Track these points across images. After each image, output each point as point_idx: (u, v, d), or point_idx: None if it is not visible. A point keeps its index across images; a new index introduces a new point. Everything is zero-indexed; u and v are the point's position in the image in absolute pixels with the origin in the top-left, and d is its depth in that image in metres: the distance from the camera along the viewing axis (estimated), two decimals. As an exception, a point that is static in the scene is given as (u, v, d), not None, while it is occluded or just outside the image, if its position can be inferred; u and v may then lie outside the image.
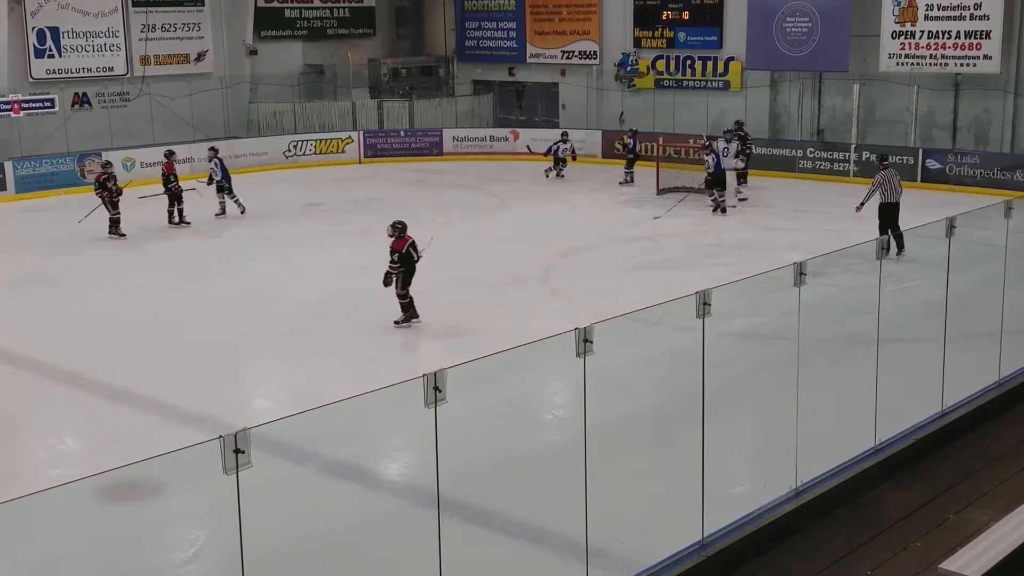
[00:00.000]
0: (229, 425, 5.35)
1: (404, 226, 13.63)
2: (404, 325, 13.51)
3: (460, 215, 21.05)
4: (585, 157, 27.49)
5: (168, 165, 20.04)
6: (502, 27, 30.67)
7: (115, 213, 19.07)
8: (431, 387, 5.56)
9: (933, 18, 23.04)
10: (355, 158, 27.86)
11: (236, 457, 4.91)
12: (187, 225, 19.98)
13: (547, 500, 7.29)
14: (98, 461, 6.99)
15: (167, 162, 20.16)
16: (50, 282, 16.11)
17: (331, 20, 30.97)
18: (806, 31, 24.83)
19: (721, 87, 26.86)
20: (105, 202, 19.08)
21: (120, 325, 13.90)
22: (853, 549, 6.99)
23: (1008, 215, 9.69)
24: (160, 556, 7.24)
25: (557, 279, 15.93)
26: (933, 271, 9.44)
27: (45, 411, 11.33)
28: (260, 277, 16.32)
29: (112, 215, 19.07)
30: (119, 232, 19.08)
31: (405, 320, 13.52)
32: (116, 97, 27.00)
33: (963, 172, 22.42)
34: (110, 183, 19.07)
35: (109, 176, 19.21)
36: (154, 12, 27.42)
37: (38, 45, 25.64)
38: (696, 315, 6.86)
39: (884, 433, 8.29)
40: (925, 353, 9.34)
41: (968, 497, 7.64)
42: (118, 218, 19.09)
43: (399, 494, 8.02)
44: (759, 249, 17.28)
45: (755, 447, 8.62)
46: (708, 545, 6.85)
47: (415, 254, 13.50)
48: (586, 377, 6.26)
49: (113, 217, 19.08)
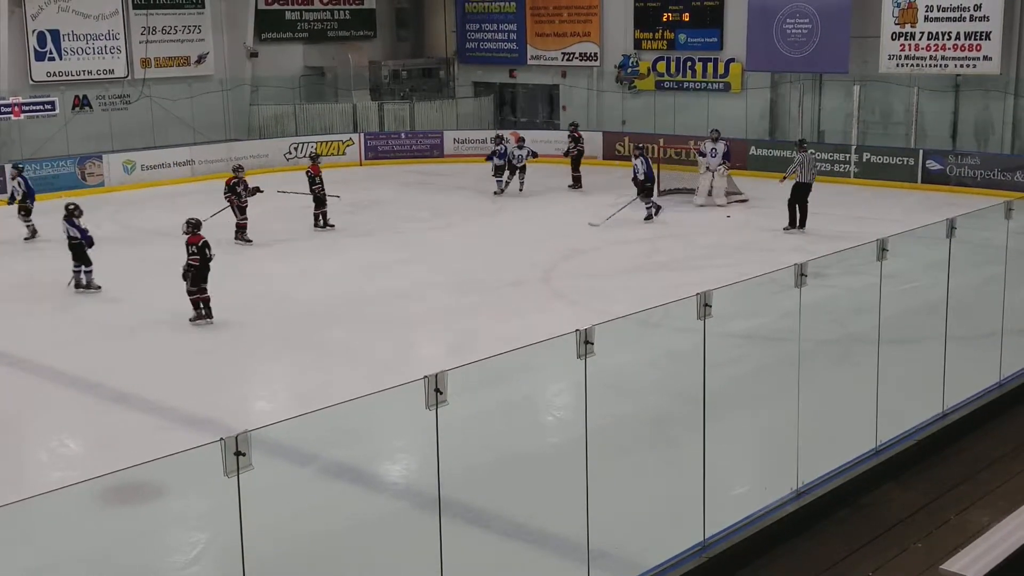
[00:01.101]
0: (230, 427, 5.35)
1: (198, 223, 14.15)
2: (199, 323, 13.76)
3: (461, 217, 21.05)
4: (586, 159, 27.47)
5: (314, 167, 19.74)
6: (503, 29, 30.69)
7: (242, 219, 18.41)
8: (432, 389, 5.56)
9: (933, 19, 23.05)
10: (356, 160, 27.87)
11: (237, 459, 4.91)
12: (331, 228, 19.61)
13: (548, 502, 7.29)
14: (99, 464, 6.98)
15: (313, 164, 19.86)
16: (51, 285, 16.11)
17: (332, 22, 30.98)
18: (806, 32, 24.83)
19: (722, 89, 26.87)
20: (233, 206, 18.42)
21: (121, 327, 13.90)
22: (854, 550, 7.00)
23: (1008, 216, 9.69)
24: (161, 559, 7.24)
25: (558, 281, 15.93)
26: (934, 272, 9.43)
27: (47, 414, 11.34)
28: (261, 279, 16.32)
29: (239, 220, 18.40)
30: (245, 238, 18.37)
31: (198, 318, 13.80)
32: (116, 100, 27.01)
33: (963, 173, 22.42)
34: (239, 187, 18.38)
35: (239, 180, 18.46)
36: (154, 14, 27.43)
37: (38, 48, 25.65)
38: (697, 316, 6.86)
39: (885, 434, 8.29)
40: (926, 354, 9.34)
41: (969, 498, 7.65)
42: (245, 224, 18.43)
43: (400, 496, 8.02)
44: (760, 250, 17.28)
45: (756, 448, 8.61)
46: (709, 546, 6.86)
47: (208, 253, 13.90)
48: (587, 379, 6.27)
49: (240, 223, 18.41)
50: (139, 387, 11.56)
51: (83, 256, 15.58)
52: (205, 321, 13.79)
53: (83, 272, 15.61)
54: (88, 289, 15.61)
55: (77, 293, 15.52)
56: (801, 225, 17.57)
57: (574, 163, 24.07)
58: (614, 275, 16.12)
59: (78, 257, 15.58)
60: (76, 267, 15.60)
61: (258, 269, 17.05)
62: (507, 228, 20.15)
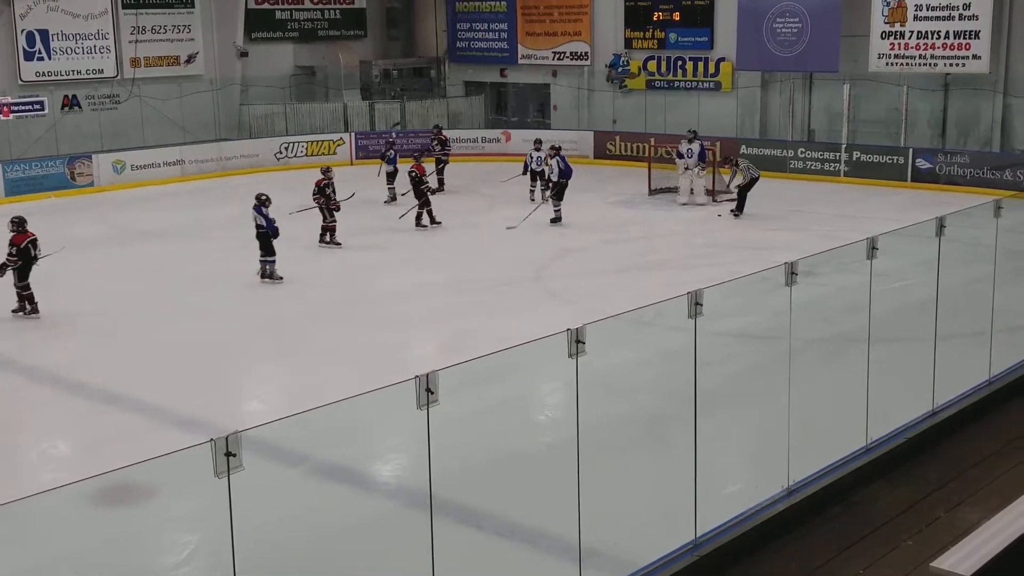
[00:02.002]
0: (221, 428, 5.34)
1: (22, 221, 14.33)
2: (22, 316, 14.08)
3: (452, 216, 21.03)
4: (577, 158, 27.47)
5: (419, 167, 19.73)
6: (493, 28, 30.68)
7: (331, 221, 18.04)
8: (423, 389, 5.56)
9: (922, 18, 23.12)
10: (347, 159, 27.82)
11: (228, 460, 4.90)
12: (438, 225, 19.56)
13: (540, 501, 7.29)
14: (90, 465, 6.97)
15: (418, 164, 19.83)
16: (40, 285, 16.04)
17: (322, 22, 30.93)
18: (796, 32, 24.88)
19: (712, 88, 26.91)
20: (322, 208, 18.04)
21: (112, 328, 13.87)
22: (845, 548, 7.01)
23: (997, 214, 9.72)
24: (152, 560, 7.22)
25: (550, 280, 15.93)
26: (924, 270, 9.46)
27: (37, 415, 11.31)
28: (252, 279, 16.28)
29: (328, 223, 18.04)
30: (334, 241, 18.04)
31: (21, 310, 14.12)
32: (106, 99, 26.93)
33: (953, 171, 22.50)
34: (329, 189, 17.97)
35: (329, 182, 18.04)
36: (144, 14, 27.35)
37: (27, 48, 25.55)
38: (688, 315, 6.87)
39: (876, 432, 8.31)
40: (916, 352, 9.38)
41: (959, 495, 7.67)
42: (334, 226, 18.04)
43: (392, 496, 8.01)
44: (751, 249, 17.31)
45: (747, 446, 8.63)
46: (701, 545, 6.86)
47: (33, 251, 14.12)
48: (579, 378, 6.27)
49: (328, 225, 18.05)
50: (129, 388, 11.53)
51: (268, 246, 15.87)
52: (31, 316, 14.12)
53: (268, 263, 15.93)
54: (271, 280, 15.86)
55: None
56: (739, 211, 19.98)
57: (438, 167, 23.15)
58: (606, 274, 16.13)
59: (264, 247, 15.88)
60: (263, 257, 15.88)
61: (248, 270, 16.99)
62: (499, 227, 20.13)
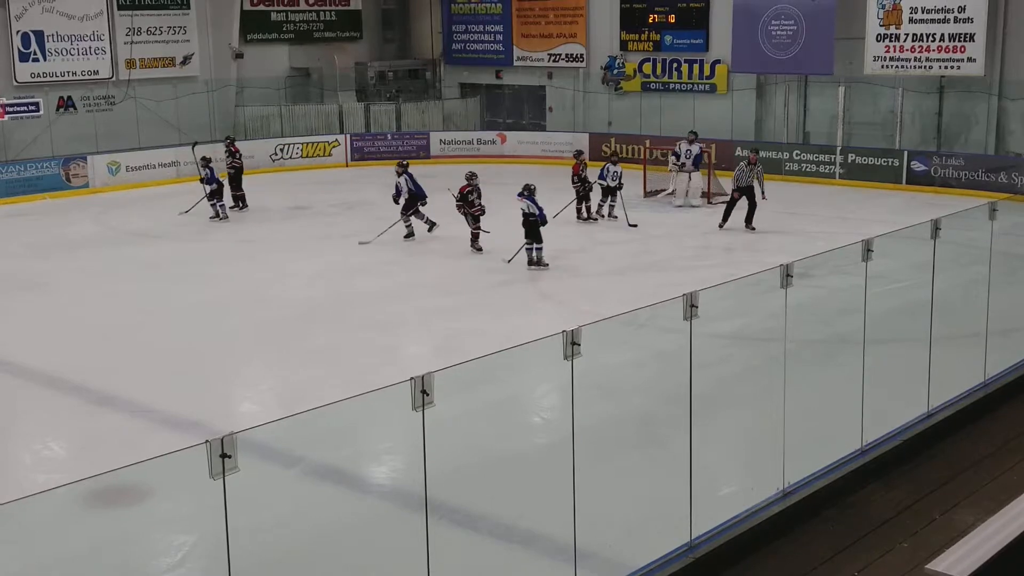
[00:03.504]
0: (216, 429, 5.33)
1: None
2: None
3: (447, 218, 21.01)
4: (572, 160, 27.49)
5: (576, 166, 19.57)
6: (489, 30, 30.69)
7: (476, 227, 17.53)
8: (418, 390, 5.55)
9: (917, 21, 23.17)
10: (342, 161, 27.82)
11: (223, 462, 4.89)
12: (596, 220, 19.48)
13: (535, 503, 7.29)
14: (84, 466, 6.95)
15: (576, 163, 19.61)
16: (35, 286, 16.03)
17: (317, 23, 30.91)
18: (791, 34, 24.92)
19: (707, 90, 26.94)
20: (467, 216, 17.55)
21: (106, 329, 13.84)
22: (840, 550, 7.01)
23: (992, 217, 9.74)
24: (147, 561, 7.21)
25: (545, 281, 15.93)
26: (919, 272, 9.48)
27: (30, 416, 11.28)
28: (247, 280, 16.27)
29: (473, 229, 17.54)
30: (478, 247, 17.54)
31: None
32: (101, 101, 26.89)
33: (948, 174, 22.54)
34: (473, 195, 17.46)
35: (473, 188, 17.54)
36: (139, 15, 27.31)
37: (22, 49, 25.50)
38: (683, 317, 6.87)
39: (871, 434, 8.31)
40: (911, 354, 9.38)
41: (954, 497, 7.68)
42: (478, 232, 17.54)
43: (387, 498, 8.00)
44: (746, 251, 17.33)
45: (743, 449, 8.63)
46: (696, 547, 6.86)
47: None
48: (573, 380, 6.26)
49: (474, 231, 17.55)
50: (124, 389, 11.50)
51: (536, 233, 16.23)
52: None
53: (534, 248, 16.25)
54: (538, 267, 16.20)
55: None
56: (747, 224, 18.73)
57: (233, 182, 21.58)
58: (601, 276, 16.13)
59: (531, 234, 16.26)
60: (527, 243, 16.27)
61: (244, 270, 16.99)
62: (494, 229, 20.12)
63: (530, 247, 16.39)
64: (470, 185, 17.63)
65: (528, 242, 16.40)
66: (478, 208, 17.51)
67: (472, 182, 17.67)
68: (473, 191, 17.56)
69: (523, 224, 16.42)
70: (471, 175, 17.92)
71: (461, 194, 17.60)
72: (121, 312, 14.66)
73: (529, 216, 16.40)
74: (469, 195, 17.56)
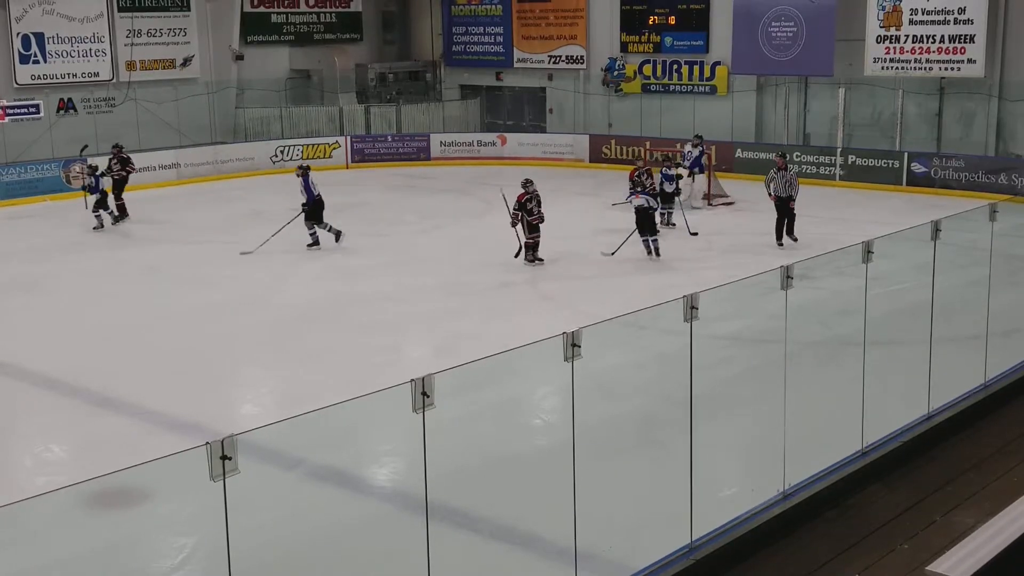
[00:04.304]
0: (216, 431, 5.33)
1: None
2: None
3: (448, 220, 21.05)
4: (572, 161, 27.55)
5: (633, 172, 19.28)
6: (489, 32, 30.70)
7: (531, 236, 16.67)
8: (419, 392, 5.55)
9: (918, 22, 23.18)
10: (342, 163, 27.82)
11: (223, 464, 4.89)
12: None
13: (536, 504, 7.29)
14: (85, 468, 6.95)
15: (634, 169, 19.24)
16: (36, 289, 16.04)
17: (318, 25, 30.93)
18: (791, 36, 24.93)
19: (708, 91, 26.95)
20: (523, 224, 16.64)
21: (106, 331, 13.84)
22: (841, 551, 7.02)
23: (993, 218, 9.75)
24: (147, 564, 7.21)
25: (545, 283, 15.93)
26: (919, 274, 9.48)
27: (31, 418, 11.28)
28: (247, 282, 16.28)
29: (528, 238, 16.67)
30: (537, 258, 16.73)
31: None
32: (102, 103, 26.89)
33: (948, 175, 22.54)
34: (531, 203, 16.63)
35: (532, 196, 16.67)
36: (140, 17, 27.33)
37: (23, 51, 25.51)
38: (684, 319, 6.87)
39: (871, 436, 8.32)
40: (912, 356, 9.39)
41: (955, 499, 7.68)
42: (536, 242, 16.71)
43: (387, 499, 8.00)
44: (747, 252, 17.33)
45: (743, 450, 8.64)
46: (697, 549, 6.86)
47: None
48: (574, 381, 6.27)
49: (528, 241, 16.68)
50: (124, 391, 11.50)
51: (653, 226, 17.08)
52: None
53: (650, 240, 16.98)
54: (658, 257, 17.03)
55: None
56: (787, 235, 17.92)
57: (116, 189, 20.78)
58: (601, 277, 16.13)
59: (647, 228, 17.07)
60: (645, 236, 17.03)
61: (244, 272, 17.00)
62: (495, 231, 20.14)
63: (645, 239, 17.19)
64: (528, 193, 16.76)
65: (645, 236, 17.16)
66: (537, 216, 16.66)
67: (529, 189, 16.79)
68: (532, 198, 16.70)
69: (638, 220, 17.19)
70: (527, 182, 16.96)
71: (519, 203, 16.64)
72: (122, 314, 14.66)
73: (649, 210, 17.16)
74: (528, 203, 16.65)
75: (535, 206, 16.72)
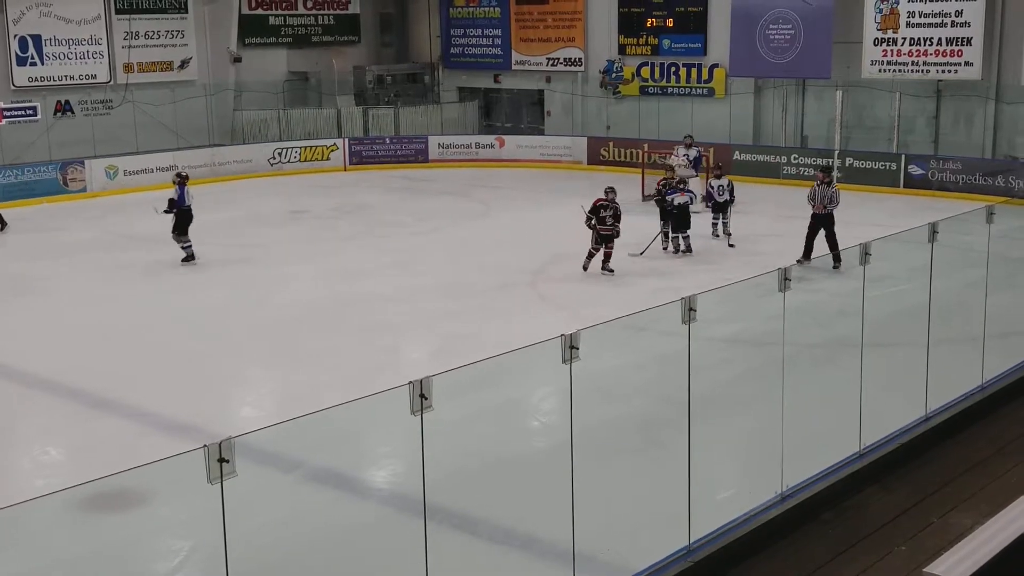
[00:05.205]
0: (214, 434, 5.32)
1: None
2: None
3: (446, 222, 21.05)
4: (570, 164, 27.57)
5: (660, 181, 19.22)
6: (487, 34, 30.71)
7: (596, 247, 16.17)
8: (417, 394, 5.55)
9: (915, 25, 23.21)
10: (340, 165, 27.82)
11: (221, 466, 4.88)
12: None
13: (534, 506, 7.29)
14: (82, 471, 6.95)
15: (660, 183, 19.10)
16: (33, 291, 16.02)
17: (316, 27, 30.93)
18: (789, 38, 24.95)
19: (705, 94, 26.96)
20: (595, 231, 16.07)
21: (104, 333, 13.82)
22: (838, 553, 7.02)
23: (990, 220, 9.76)
24: (145, 566, 7.20)
25: (544, 285, 15.93)
26: (916, 276, 9.49)
27: (29, 420, 11.27)
28: (245, 284, 16.27)
29: (593, 247, 16.18)
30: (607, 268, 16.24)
31: None
32: (99, 105, 26.88)
33: (945, 178, 22.56)
34: (605, 211, 15.95)
35: (608, 204, 16.02)
36: (137, 19, 27.32)
37: (20, 53, 25.51)
38: (682, 321, 6.88)
39: (869, 437, 8.32)
40: (909, 357, 9.39)
41: (952, 501, 7.68)
42: (605, 252, 16.18)
43: (386, 502, 8.01)
44: (745, 254, 17.34)
45: (741, 452, 8.64)
46: (695, 551, 6.86)
47: None
48: (572, 383, 6.27)
49: (592, 250, 16.21)
50: (122, 393, 11.50)
51: (688, 222, 17.25)
52: None
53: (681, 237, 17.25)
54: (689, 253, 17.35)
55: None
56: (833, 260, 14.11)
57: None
58: (600, 279, 16.13)
59: (682, 224, 17.29)
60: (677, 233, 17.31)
61: (242, 274, 16.98)
62: (493, 233, 20.15)
63: (676, 235, 17.41)
64: (605, 199, 16.04)
65: (677, 233, 17.38)
66: (607, 228, 15.96)
67: (608, 197, 16.07)
68: (608, 206, 15.95)
69: (674, 216, 17.28)
70: (609, 189, 16.32)
71: (594, 206, 16.00)
72: (119, 316, 14.66)
73: (687, 206, 17.32)
74: (601, 210, 15.96)
75: (609, 215, 15.98)
